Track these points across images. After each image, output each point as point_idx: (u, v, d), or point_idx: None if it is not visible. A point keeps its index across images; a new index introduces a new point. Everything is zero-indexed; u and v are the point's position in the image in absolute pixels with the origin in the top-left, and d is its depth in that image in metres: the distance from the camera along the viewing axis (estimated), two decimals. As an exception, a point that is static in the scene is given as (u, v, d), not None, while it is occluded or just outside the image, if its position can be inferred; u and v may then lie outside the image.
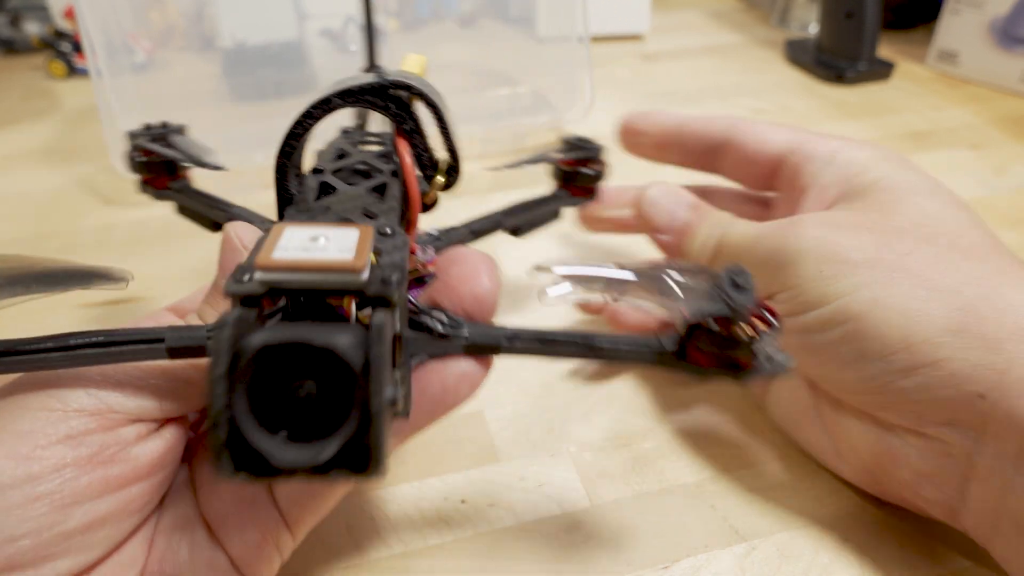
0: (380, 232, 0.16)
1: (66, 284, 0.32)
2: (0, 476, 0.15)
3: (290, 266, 0.13)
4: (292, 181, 0.20)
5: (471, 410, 0.30)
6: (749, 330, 0.17)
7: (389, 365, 0.12)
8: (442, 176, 0.21)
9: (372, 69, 0.25)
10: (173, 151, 0.26)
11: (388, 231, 0.17)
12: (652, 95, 0.61)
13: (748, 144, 0.30)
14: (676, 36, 0.74)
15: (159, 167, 0.26)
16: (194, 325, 0.18)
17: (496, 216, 0.27)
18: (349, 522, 0.25)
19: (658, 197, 0.29)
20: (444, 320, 0.18)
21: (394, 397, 0.13)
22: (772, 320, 0.17)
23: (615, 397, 0.31)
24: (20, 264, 0.32)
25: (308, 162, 0.22)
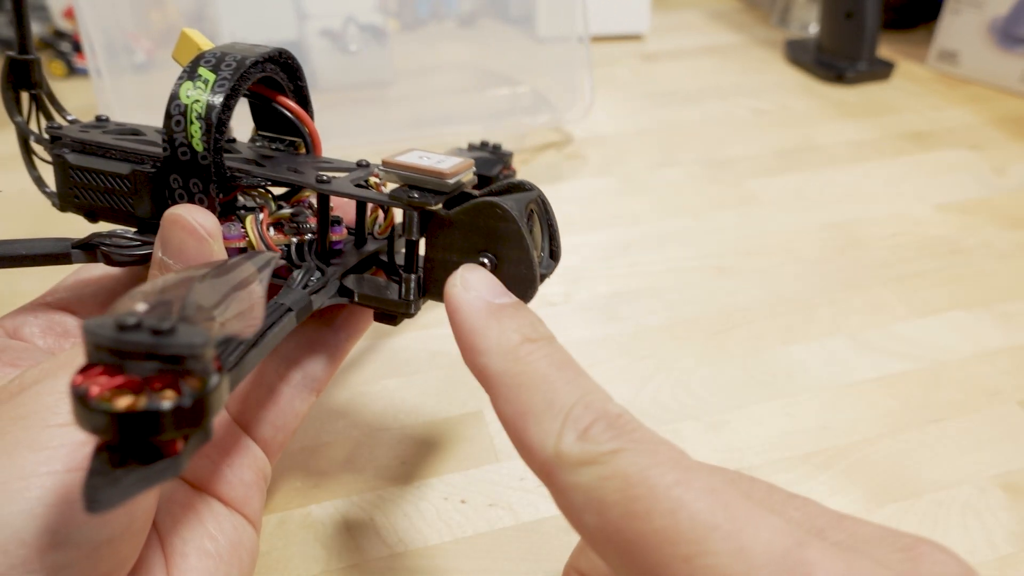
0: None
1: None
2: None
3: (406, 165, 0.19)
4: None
5: (471, 410, 0.30)
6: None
7: None
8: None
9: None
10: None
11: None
12: (652, 95, 0.61)
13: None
14: (676, 36, 0.74)
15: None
16: None
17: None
18: (349, 522, 0.25)
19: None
20: None
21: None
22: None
23: (615, 397, 0.31)
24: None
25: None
